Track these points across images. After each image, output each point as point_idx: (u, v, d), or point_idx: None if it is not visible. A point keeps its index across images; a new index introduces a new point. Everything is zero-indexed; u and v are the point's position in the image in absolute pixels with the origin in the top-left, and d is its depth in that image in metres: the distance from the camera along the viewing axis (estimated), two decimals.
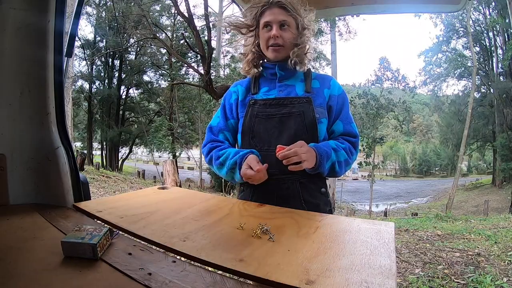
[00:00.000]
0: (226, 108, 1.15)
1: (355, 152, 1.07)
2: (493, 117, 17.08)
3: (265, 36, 1.05)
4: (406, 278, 2.31)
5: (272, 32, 1.03)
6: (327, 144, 1.01)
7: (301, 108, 1.03)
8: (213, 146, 1.12)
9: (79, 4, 1.02)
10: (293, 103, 1.04)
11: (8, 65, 0.88)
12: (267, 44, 1.05)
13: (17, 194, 0.91)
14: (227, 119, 1.15)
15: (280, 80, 1.09)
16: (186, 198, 1.08)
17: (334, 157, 1.00)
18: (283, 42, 1.04)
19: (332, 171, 1.02)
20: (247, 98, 1.10)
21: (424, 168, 31.71)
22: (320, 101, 1.06)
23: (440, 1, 1.39)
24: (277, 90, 1.08)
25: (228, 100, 1.15)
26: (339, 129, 1.08)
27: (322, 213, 0.94)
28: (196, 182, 14.19)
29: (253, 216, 0.88)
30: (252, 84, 1.12)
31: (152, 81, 18.99)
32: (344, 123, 1.08)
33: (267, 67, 1.11)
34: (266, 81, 1.12)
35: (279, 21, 1.03)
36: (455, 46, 18.42)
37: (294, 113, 1.02)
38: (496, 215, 7.00)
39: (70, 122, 10.51)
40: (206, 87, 7.76)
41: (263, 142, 1.04)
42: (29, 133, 0.93)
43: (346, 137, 1.08)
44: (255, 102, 1.07)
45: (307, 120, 1.02)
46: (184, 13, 8.06)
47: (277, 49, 1.04)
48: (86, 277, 0.56)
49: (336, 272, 0.57)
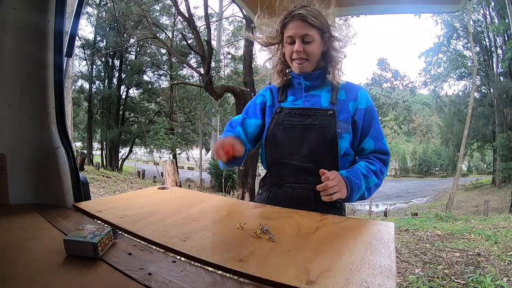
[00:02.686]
0: (250, 108, 1.16)
1: (385, 171, 1.03)
2: (493, 117, 17.07)
3: (288, 50, 1.05)
4: (406, 278, 2.31)
5: (295, 48, 1.01)
6: (358, 173, 0.97)
7: (324, 120, 1.00)
8: (225, 131, 1.15)
9: (79, 4, 1.02)
10: (316, 115, 1.02)
11: (8, 65, 0.88)
12: (291, 58, 1.05)
13: (17, 194, 0.91)
14: (248, 117, 1.15)
15: (307, 90, 1.08)
16: (186, 198, 1.09)
17: (364, 186, 0.97)
18: (307, 56, 1.02)
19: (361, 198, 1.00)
20: (275, 106, 1.11)
21: (424, 168, 31.69)
22: (344, 115, 1.02)
23: (440, 1, 1.39)
24: (303, 100, 1.07)
25: (255, 101, 1.17)
26: (370, 147, 1.04)
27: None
28: (196, 182, 14.17)
29: (253, 216, 0.88)
30: (280, 92, 1.13)
31: (152, 81, 18.99)
32: (375, 141, 1.04)
33: (294, 77, 1.11)
34: (293, 90, 1.12)
35: (301, 35, 1.00)
36: (456, 47, 18.43)
37: (316, 125, 1.01)
38: (496, 215, 7.00)
39: (70, 122, 10.51)
40: (206, 87, 7.76)
41: (284, 150, 1.04)
42: (29, 133, 0.93)
43: (377, 155, 1.04)
44: (281, 110, 1.07)
45: (328, 133, 0.99)
46: (184, 13, 8.06)
47: (301, 63, 1.03)
48: (86, 277, 0.56)
49: (336, 272, 0.57)
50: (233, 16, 15.79)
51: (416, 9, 2.37)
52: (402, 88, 15.25)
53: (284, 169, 1.04)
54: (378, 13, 1.54)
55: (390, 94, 13.87)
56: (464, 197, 16.55)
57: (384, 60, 14.78)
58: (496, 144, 16.43)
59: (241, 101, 7.81)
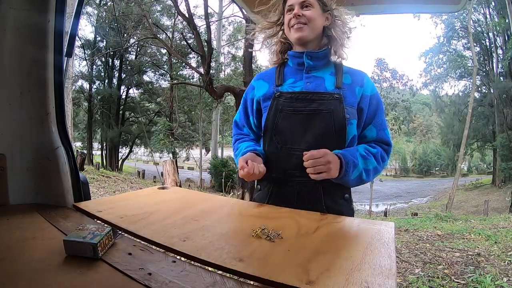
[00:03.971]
0: (248, 104, 1.10)
1: (386, 159, 0.99)
2: (493, 117, 17.07)
3: (287, 18, 1.00)
4: (406, 278, 2.31)
5: (294, 12, 0.98)
6: (355, 151, 0.93)
7: (331, 105, 0.93)
8: (237, 138, 1.13)
9: (79, 4, 1.02)
10: (322, 99, 0.94)
11: (8, 65, 0.88)
12: (290, 25, 1.00)
13: (17, 194, 0.91)
14: (248, 116, 1.11)
15: (308, 70, 1.00)
16: (186, 198, 1.08)
17: (361, 165, 0.92)
18: (306, 21, 0.97)
19: (359, 180, 0.94)
20: (271, 90, 1.01)
21: (424, 168, 31.68)
22: (351, 100, 0.96)
23: (440, 1, 1.39)
24: (304, 82, 0.98)
25: (248, 95, 1.10)
26: (372, 135, 1.00)
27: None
28: (196, 182, 14.17)
29: (253, 216, 0.88)
30: (276, 74, 1.04)
31: (152, 81, 19.00)
32: (378, 129, 0.99)
33: (293, 56, 1.03)
34: (292, 72, 1.03)
35: (301, 1, 0.98)
36: (456, 47, 18.43)
37: (322, 110, 0.93)
38: (496, 215, 7.00)
39: (70, 122, 10.51)
40: (206, 87, 7.77)
41: (285, 140, 0.96)
42: (29, 133, 0.93)
43: (379, 144, 1.00)
44: (280, 95, 0.98)
45: (337, 120, 0.92)
46: (184, 13, 8.06)
47: (300, 28, 0.97)
48: (86, 277, 0.56)
49: (336, 272, 0.57)
50: (233, 16, 15.81)
51: (416, 9, 2.37)
52: (402, 88, 15.23)
53: (286, 161, 0.96)
54: (378, 13, 1.54)
55: (389, 94, 13.86)
56: (464, 197, 16.55)
57: (382, 60, 14.76)
58: (496, 144, 16.43)
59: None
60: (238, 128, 1.17)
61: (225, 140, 21.20)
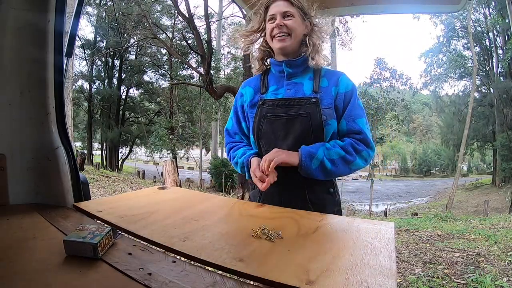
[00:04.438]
0: (238, 111, 1.17)
1: (362, 148, 1.01)
2: (493, 117, 17.07)
3: (270, 27, 1.05)
4: (406, 278, 2.31)
5: (276, 22, 1.02)
6: (317, 144, 1.00)
7: (308, 109, 1.00)
8: (231, 146, 1.18)
9: (79, 4, 1.02)
10: (300, 104, 1.01)
11: (8, 65, 0.88)
12: (272, 35, 1.05)
13: (17, 194, 0.91)
14: (240, 122, 1.17)
15: (288, 77, 1.07)
16: (186, 198, 1.09)
17: (322, 154, 0.97)
18: (288, 30, 1.02)
19: (324, 170, 0.98)
20: (256, 98, 1.09)
21: (424, 168, 31.68)
22: (327, 101, 1.02)
23: (440, 1, 1.39)
24: (285, 89, 1.06)
25: (238, 102, 1.17)
26: (343, 128, 1.05)
27: (329, 213, 0.92)
28: (196, 182, 14.17)
29: (253, 216, 0.88)
30: (260, 82, 1.11)
31: (152, 81, 19.00)
32: (347, 121, 1.04)
33: (274, 64, 1.09)
34: (274, 79, 1.10)
35: (282, 12, 1.03)
36: (456, 47, 18.43)
37: (301, 114, 1.00)
38: (496, 215, 6.99)
39: (70, 122, 10.51)
40: (206, 87, 7.76)
41: (269, 143, 1.04)
42: (29, 133, 0.93)
43: (351, 135, 1.04)
44: (264, 103, 1.06)
45: (314, 122, 0.99)
46: (184, 13, 8.06)
47: (282, 39, 1.03)
48: (86, 277, 0.56)
49: (336, 272, 0.57)
50: (233, 16, 15.81)
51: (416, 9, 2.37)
52: (403, 88, 15.23)
53: None
54: (378, 13, 1.54)
55: (388, 93, 13.85)
56: (464, 197, 16.55)
57: (382, 60, 14.74)
58: (496, 144, 16.43)
59: None
60: (230, 136, 1.21)
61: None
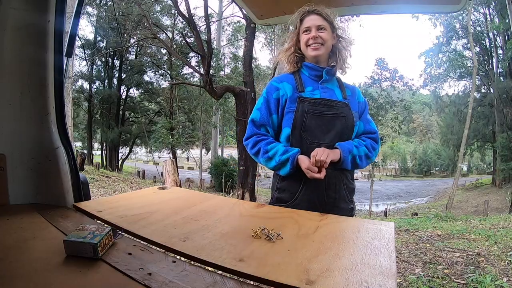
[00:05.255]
0: (270, 103, 1.23)
1: (376, 146, 1.26)
2: (493, 117, 17.06)
3: (305, 38, 1.21)
4: (406, 278, 2.31)
5: (312, 34, 1.19)
6: (349, 142, 1.18)
7: (345, 112, 1.19)
8: (259, 139, 1.22)
9: (79, 4, 1.02)
10: (338, 106, 1.20)
11: (8, 65, 0.88)
12: (307, 45, 1.21)
13: (17, 194, 0.91)
14: (271, 113, 1.22)
15: (323, 82, 1.23)
16: (186, 198, 1.09)
17: (355, 152, 1.17)
18: (322, 41, 1.19)
19: (355, 164, 1.18)
20: (295, 95, 1.20)
21: (424, 168, 31.69)
22: (355, 107, 1.24)
23: (440, 1, 1.39)
24: (320, 91, 1.21)
25: (273, 95, 1.23)
26: (361, 129, 1.27)
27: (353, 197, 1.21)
28: (196, 182, 14.17)
29: (253, 216, 0.88)
30: (297, 82, 1.23)
31: (152, 81, 18.99)
32: (364, 123, 1.28)
33: (312, 68, 1.23)
34: (308, 81, 1.24)
35: (317, 25, 1.19)
36: (456, 47, 18.41)
37: (340, 115, 1.19)
38: (496, 215, 6.99)
39: (70, 122, 10.51)
40: (206, 87, 7.77)
41: (313, 136, 1.17)
42: (29, 133, 0.93)
43: (367, 135, 1.27)
44: (304, 100, 1.18)
45: (349, 122, 1.19)
46: (184, 13, 8.06)
47: (317, 48, 1.19)
48: (86, 277, 0.56)
49: (336, 272, 0.57)
50: (233, 16, 15.80)
51: (416, 9, 2.36)
52: (402, 87, 15.19)
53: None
54: (378, 13, 1.54)
55: (389, 94, 13.84)
56: (464, 197, 16.55)
57: (382, 60, 14.73)
58: (496, 144, 16.43)
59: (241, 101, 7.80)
60: (255, 127, 1.24)
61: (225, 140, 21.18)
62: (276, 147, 1.18)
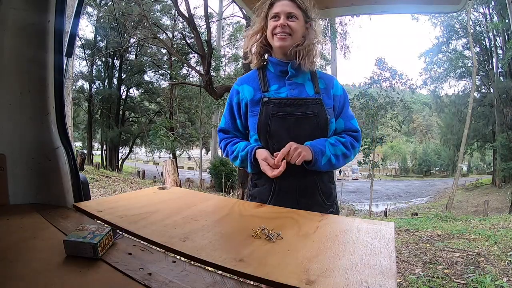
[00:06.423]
0: (234, 108, 1.15)
1: (357, 144, 1.14)
2: (493, 117, 17.07)
3: (272, 25, 1.07)
4: (406, 278, 2.31)
5: (280, 22, 1.05)
6: (321, 141, 1.07)
7: (315, 109, 1.06)
8: (227, 142, 1.18)
9: (79, 4, 1.02)
10: (307, 104, 1.06)
11: (8, 65, 0.88)
12: (273, 32, 1.07)
13: (17, 194, 0.91)
14: (235, 119, 1.16)
15: (289, 78, 1.10)
16: (186, 198, 1.08)
17: (330, 151, 1.06)
18: (290, 31, 1.05)
19: (329, 164, 1.07)
20: (257, 96, 1.10)
21: (424, 168, 31.71)
22: (328, 102, 1.10)
23: (440, 1, 1.39)
24: (288, 88, 1.09)
25: (234, 100, 1.15)
26: (341, 126, 1.14)
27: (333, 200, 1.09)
28: (196, 182, 14.17)
29: (253, 216, 0.88)
30: (260, 80, 1.12)
31: (153, 81, 19.01)
32: (345, 120, 1.14)
33: (277, 64, 1.11)
34: (274, 78, 1.12)
35: (287, 12, 1.05)
36: (455, 47, 18.42)
37: (309, 114, 1.06)
38: (496, 215, 6.99)
39: (70, 122, 10.51)
40: (206, 87, 7.76)
41: (281, 141, 1.05)
42: (29, 133, 0.93)
43: (348, 132, 1.14)
44: (269, 101, 1.07)
45: (321, 121, 1.07)
46: (184, 13, 8.07)
47: (283, 38, 1.06)
48: (86, 277, 0.56)
49: (336, 272, 0.57)
50: (233, 16, 15.80)
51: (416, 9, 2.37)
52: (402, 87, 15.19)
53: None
54: (378, 13, 1.54)
55: (389, 93, 13.84)
56: (464, 197, 16.56)
57: (382, 60, 14.72)
58: (496, 144, 16.43)
59: None
60: (224, 133, 1.21)
61: None
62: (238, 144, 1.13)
